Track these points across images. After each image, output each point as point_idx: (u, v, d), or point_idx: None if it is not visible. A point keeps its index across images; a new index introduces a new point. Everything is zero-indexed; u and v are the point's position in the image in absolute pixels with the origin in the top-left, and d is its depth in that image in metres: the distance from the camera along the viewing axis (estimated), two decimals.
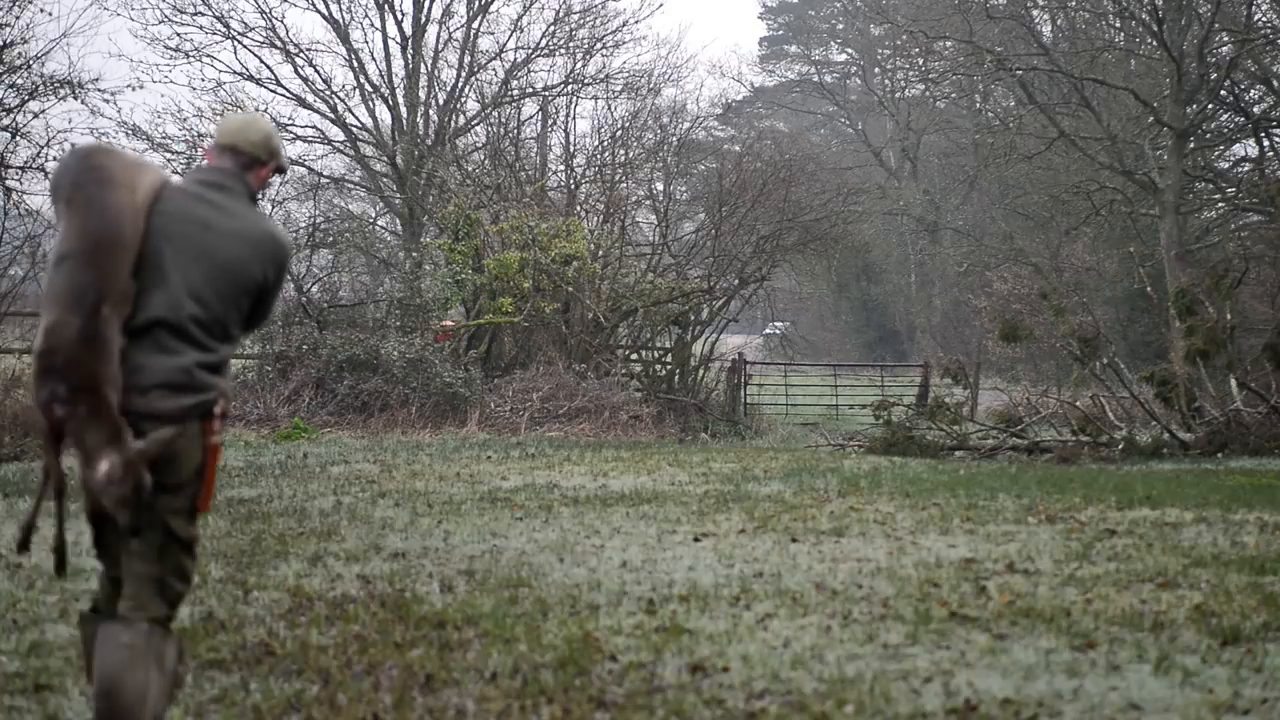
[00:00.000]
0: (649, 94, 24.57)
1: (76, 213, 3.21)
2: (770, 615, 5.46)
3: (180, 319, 3.27)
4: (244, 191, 3.49)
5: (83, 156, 3.32)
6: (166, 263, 3.28)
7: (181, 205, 3.36)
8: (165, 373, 3.24)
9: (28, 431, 12.53)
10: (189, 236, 3.32)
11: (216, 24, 22.92)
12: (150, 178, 3.35)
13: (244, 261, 3.38)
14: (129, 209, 3.24)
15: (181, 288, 3.28)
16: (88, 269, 3.14)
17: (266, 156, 3.56)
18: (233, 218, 3.41)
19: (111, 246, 3.19)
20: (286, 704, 4.17)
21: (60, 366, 3.11)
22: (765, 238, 21.39)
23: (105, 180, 3.24)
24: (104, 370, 3.12)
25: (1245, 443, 14.16)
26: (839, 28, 51.23)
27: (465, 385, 16.64)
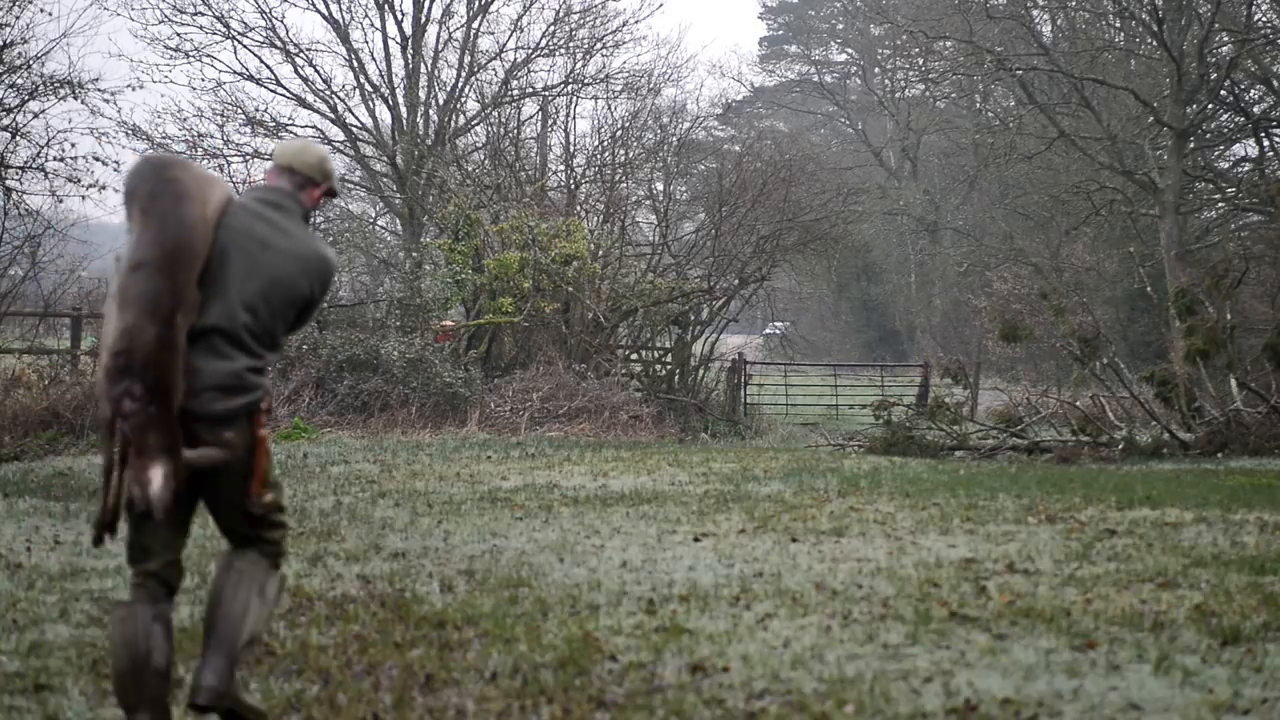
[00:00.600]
0: (649, 94, 24.58)
1: (152, 223, 3.47)
2: (770, 615, 5.46)
3: (235, 327, 3.56)
4: (298, 211, 3.80)
5: (159, 168, 3.58)
6: (227, 275, 3.57)
7: (244, 222, 3.65)
8: (219, 376, 3.53)
9: (28, 431, 12.54)
10: (248, 252, 3.61)
11: (216, 24, 22.92)
12: (218, 193, 3.64)
13: (294, 277, 3.68)
14: (200, 223, 3.51)
15: (237, 299, 3.57)
16: (163, 277, 3.41)
17: (320, 178, 3.87)
18: (287, 236, 3.71)
19: (185, 257, 3.46)
20: (286, 704, 4.18)
21: (137, 367, 3.36)
22: (765, 238, 21.39)
23: (180, 194, 3.51)
24: (176, 374, 3.41)
25: (1245, 443, 14.16)
26: (839, 28, 51.25)
27: (465, 385, 16.63)
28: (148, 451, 3.38)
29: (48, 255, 16.03)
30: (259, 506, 3.72)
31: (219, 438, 3.55)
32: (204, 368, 3.52)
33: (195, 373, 3.50)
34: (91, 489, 9.56)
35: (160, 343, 3.38)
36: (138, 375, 3.37)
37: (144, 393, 3.37)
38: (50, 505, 8.66)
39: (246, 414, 3.60)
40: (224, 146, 22.88)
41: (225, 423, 3.55)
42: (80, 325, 16.32)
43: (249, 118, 23.37)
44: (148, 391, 3.37)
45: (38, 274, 15.99)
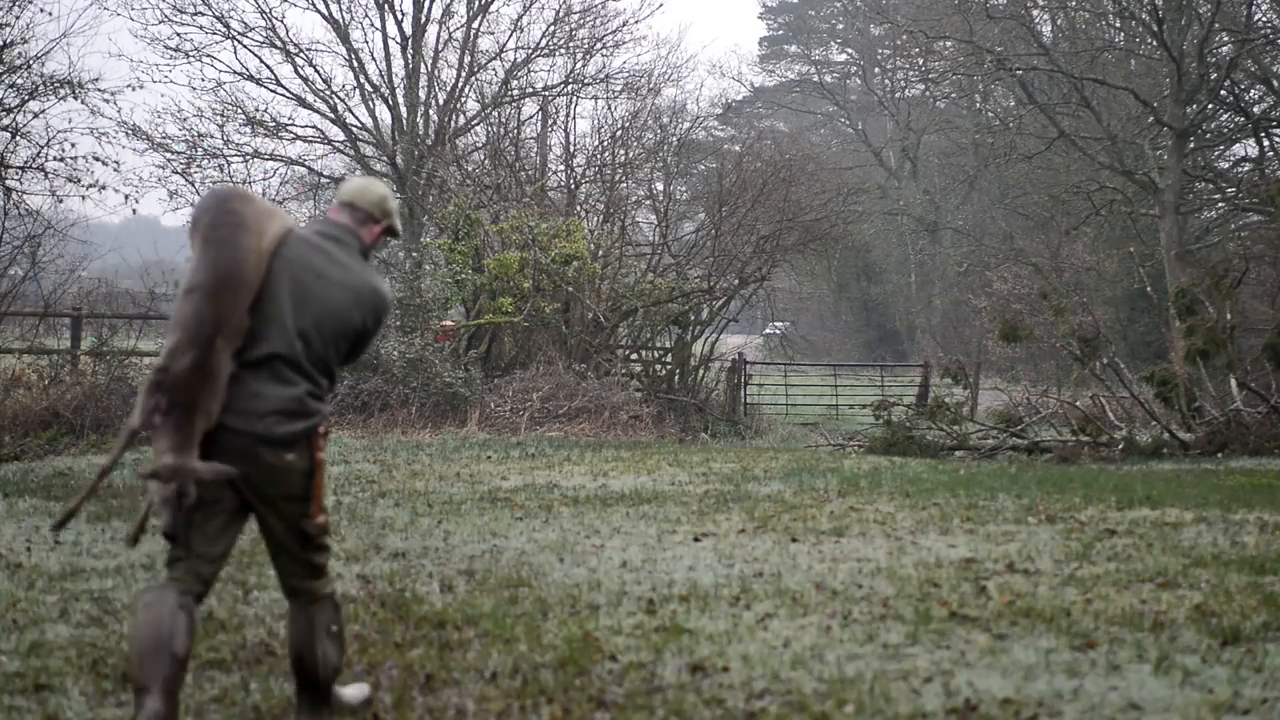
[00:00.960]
0: (649, 94, 24.57)
1: (209, 250, 3.65)
2: (770, 615, 5.46)
3: (294, 354, 3.74)
4: (356, 245, 3.96)
5: (222, 199, 3.77)
6: (283, 304, 3.73)
7: (300, 253, 3.82)
8: (281, 401, 3.71)
9: (28, 431, 12.53)
10: (303, 282, 3.78)
11: (216, 24, 22.91)
12: (277, 225, 3.81)
13: (346, 309, 3.84)
14: (254, 253, 3.69)
15: (293, 328, 3.74)
16: (210, 303, 3.60)
17: (380, 215, 4.02)
18: (343, 269, 3.86)
19: (234, 285, 3.63)
20: (286, 704, 4.18)
21: (169, 384, 3.58)
22: (765, 238, 21.39)
23: (238, 224, 3.69)
24: (203, 397, 3.59)
25: (1245, 443, 14.16)
26: (839, 28, 51.27)
27: (465, 385, 16.63)
28: (158, 451, 3.63)
29: (48, 255, 16.01)
30: (314, 528, 3.86)
31: (281, 460, 3.72)
32: (265, 392, 3.69)
33: (257, 396, 3.68)
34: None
35: (195, 365, 3.57)
36: (166, 391, 3.58)
37: (169, 406, 3.58)
38: (50, 505, 8.66)
39: (306, 437, 3.75)
40: (224, 146, 22.89)
41: (288, 445, 3.72)
42: (80, 325, 16.31)
43: (249, 118, 23.37)
44: (171, 405, 3.58)
45: (38, 274, 15.96)
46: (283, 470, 3.73)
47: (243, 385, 3.68)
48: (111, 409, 13.09)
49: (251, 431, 3.68)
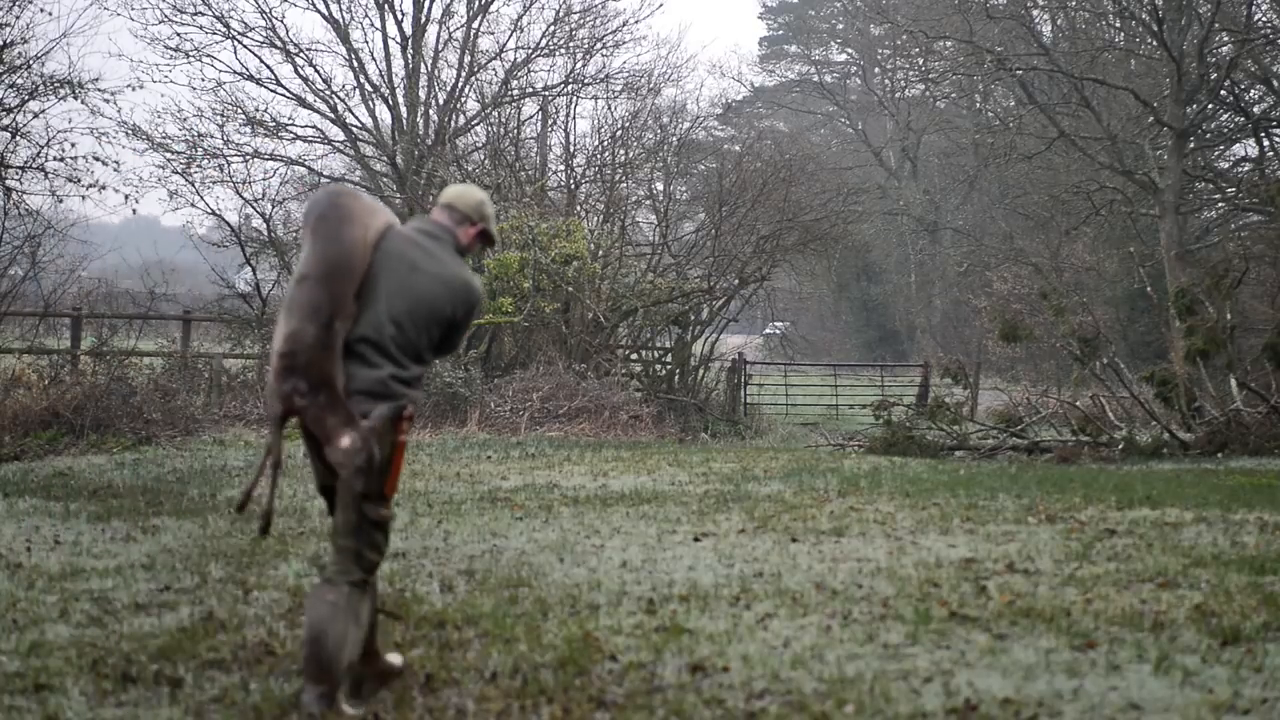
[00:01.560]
0: (649, 94, 24.55)
1: (319, 241, 3.94)
2: (770, 615, 5.46)
3: (382, 338, 3.95)
4: (452, 243, 4.21)
5: (332, 196, 4.08)
6: (379, 291, 3.99)
7: (399, 246, 4.08)
8: (366, 382, 3.92)
9: (28, 431, 12.53)
10: (399, 273, 4.03)
11: (216, 24, 22.88)
12: (380, 220, 4.09)
13: (439, 299, 4.06)
14: (360, 244, 3.97)
15: (385, 314, 3.97)
16: (322, 288, 3.87)
17: (477, 218, 4.28)
18: (437, 263, 4.11)
19: (343, 272, 3.91)
20: (286, 704, 4.17)
21: (300, 366, 3.82)
22: (765, 238, 21.39)
23: (345, 218, 3.99)
24: (334, 369, 3.86)
25: (1245, 443, 14.16)
26: (839, 28, 51.26)
27: (465, 385, 16.63)
28: (332, 431, 3.83)
29: (48, 255, 16.03)
30: (375, 514, 3.98)
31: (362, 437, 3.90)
32: (355, 373, 3.92)
33: (347, 378, 3.91)
34: (91, 489, 9.57)
35: (319, 343, 3.83)
36: (301, 373, 3.83)
37: (309, 388, 3.82)
38: (50, 505, 8.66)
39: (390, 418, 3.93)
40: (224, 146, 22.86)
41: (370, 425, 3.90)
42: (80, 325, 16.31)
43: (249, 118, 23.35)
44: (312, 387, 3.82)
45: (38, 274, 15.96)
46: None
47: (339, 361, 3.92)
48: (111, 409, 13.09)
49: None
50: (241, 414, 15.22)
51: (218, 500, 9.06)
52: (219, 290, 18.84)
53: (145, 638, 5.04)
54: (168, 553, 6.91)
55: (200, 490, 9.60)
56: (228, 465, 11.37)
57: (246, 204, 20.14)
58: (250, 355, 17.54)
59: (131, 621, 5.34)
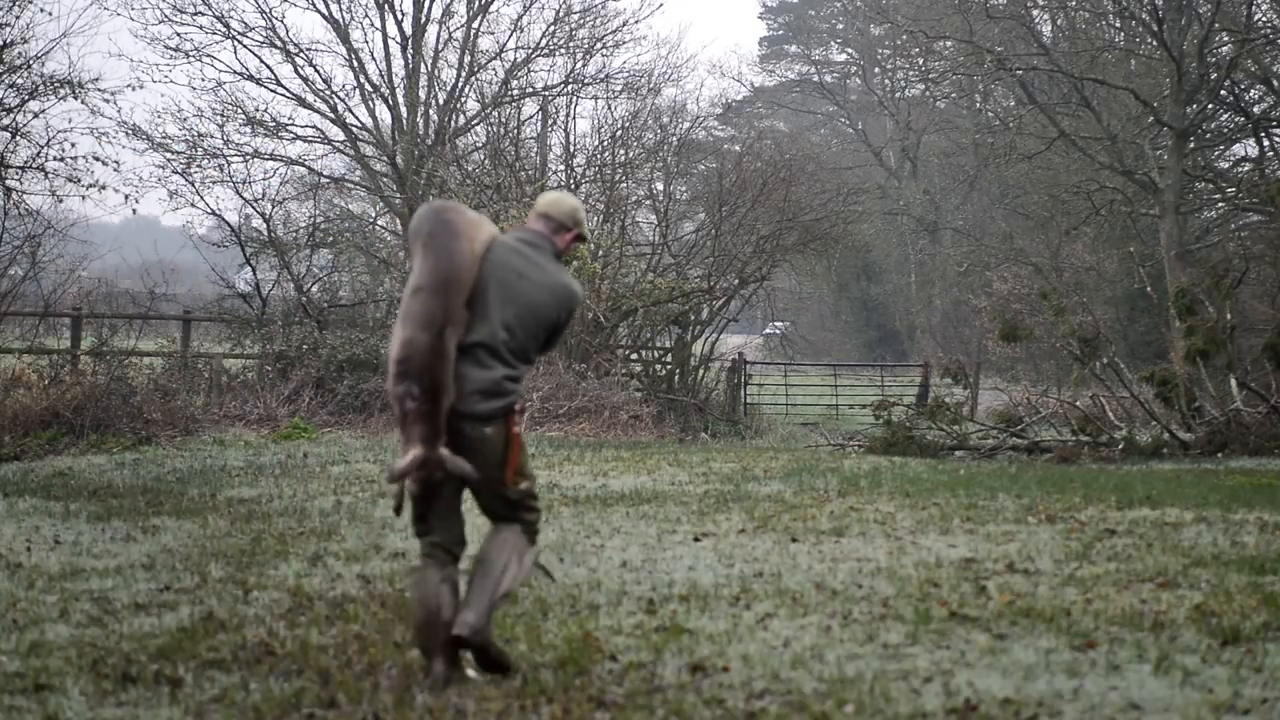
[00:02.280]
0: (649, 94, 24.56)
1: (429, 255, 4.26)
2: (770, 615, 5.46)
3: (495, 343, 4.29)
4: (551, 250, 4.50)
5: (438, 211, 4.41)
6: (489, 299, 4.31)
7: (504, 256, 4.39)
8: (482, 382, 4.26)
9: (28, 431, 12.53)
10: (506, 282, 4.34)
11: (216, 24, 22.93)
12: (485, 232, 4.41)
13: (544, 305, 4.38)
14: (468, 256, 4.29)
15: (498, 320, 4.30)
16: (436, 299, 4.19)
17: (571, 225, 4.56)
18: (540, 270, 4.41)
19: (454, 283, 4.23)
20: (286, 704, 4.18)
21: (415, 371, 4.14)
22: (765, 238, 21.38)
23: (453, 232, 4.30)
24: (445, 377, 4.17)
25: (1245, 443, 14.15)
26: (839, 28, 51.24)
27: None
28: (409, 439, 4.17)
29: (48, 255, 16.02)
30: (515, 493, 4.40)
31: (480, 432, 4.27)
32: (469, 374, 4.26)
33: (463, 379, 4.24)
34: (91, 489, 9.57)
35: (432, 351, 4.14)
36: (415, 378, 4.14)
37: (421, 392, 4.13)
38: (50, 505, 8.66)
39: (503, 414, 4.30)
40: (224, 146, 22.89)
41: (487, 420, 4.27)
42: (80, 325, 16.31)
43: (249, 118, 23.37)
44: (424, 391, 4.14)
45: (38, 274, 15.96)
46: (482, 442, 4.28)
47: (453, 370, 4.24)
48: (111, 409, 13.08)
49: (458, 409, 4.23)
50: (241, 414, 15.21)
51: (218, 500, 9.06)
52: (219, 290, 18.84)
53: (145, 638, 5.04)
54: (168, 553, 6.91)
55: (200, 490, 9.60)
56: (228, 465, 11.37)
57: (246, 204, 20.15)
58: (250, 355, 17.54)
59: (131, 621, 5.34)
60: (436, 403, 4.15)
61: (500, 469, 4.32)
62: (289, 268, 18.05)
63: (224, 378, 16.51)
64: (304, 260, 19.08)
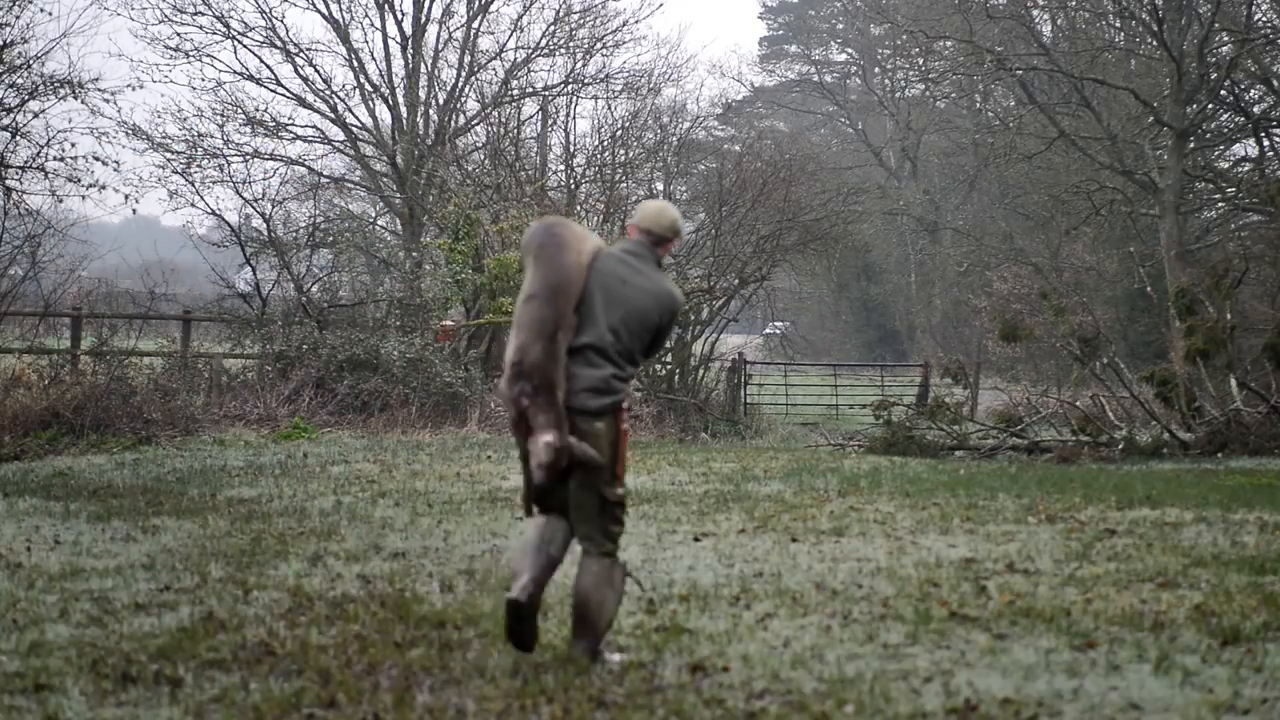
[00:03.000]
0: (649, 94, 24.56)
1: (541, 266, 4.60)
2: (770, 615, 5.47)
3: (603, 345, 4.61)
4: (652, 259, 4.84)
5: (548, 226, 4.75)
6: (597, 306, 4.64)
7: (610, 266, 4.73)
8: (591, 380, 4.58)
9: (28, 431, 12.54)
10: (612, 289, 4.68)
11: (216, 24, 22.91)
12: (591, 244, 4.76)
13: (647, 310, 4.71)
14: (576, 267, 4.63)
15: (605, 324, 4.63)
16: (547, 306, 4.53)
17: (671, 235, 4.91)
18: (643, 277, 4.76)
19: (563, 291, 4.56)
20: (286, 704, 4.18)
21: (527, 372, 4.47)
22: (765, 237, 21.38)
23: (562, 245, 4.65)
24: (556, 376, 4.50)
25: (1245, 443, 14.15)
26: (839, 28, 51.23)
27: (465, 385, 16.62)
28: (538, 429, 4.48)
29: (48, 255, 16.03)
30: (614, 495, 4.65)
31: (591, 427, 4.56)
32: (580, 374, 4.58)
33: (574, 377, 4.57)
34: (91, 489, 9.57)
35: (544, 354, 4.48)
36: (527, 378, 4.48)
37: (533, 390, 4.47)
38: (50, 505, 8.66)
39: (612, 410, 4.60)
40: (224, 146, 22.88)
41: (596, 416, 4.58)
42: (80, 325, 16.31)
43: (249, 118, 23.36)
44: (535, 389, 4.47)
45: (38, 274, 15.96)
46: (592, 437, 4.56)
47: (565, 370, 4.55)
48: (111, 409, 13.09)
49: (570, 405, 4.54)
50: (241, 414, 15.21)
51: (218, 500, 9.06)
52: (219, 290, 18.84)
53: (145, 638, 5.04)
54: (168, 553, 6.91)
55: (200, 490, 9.60)
56: (228, 465, 11.37)
57: (246, 204, 20.16)
58: (250, 355, 17.54)
59: (131, 621, 5.34)
60: (552, 397, 4.49)
61: (611, 462, 4.62)
62: (289, 268, 18.05)
63: (224, 378, 16.51)
64: (304, 260, 19.07)
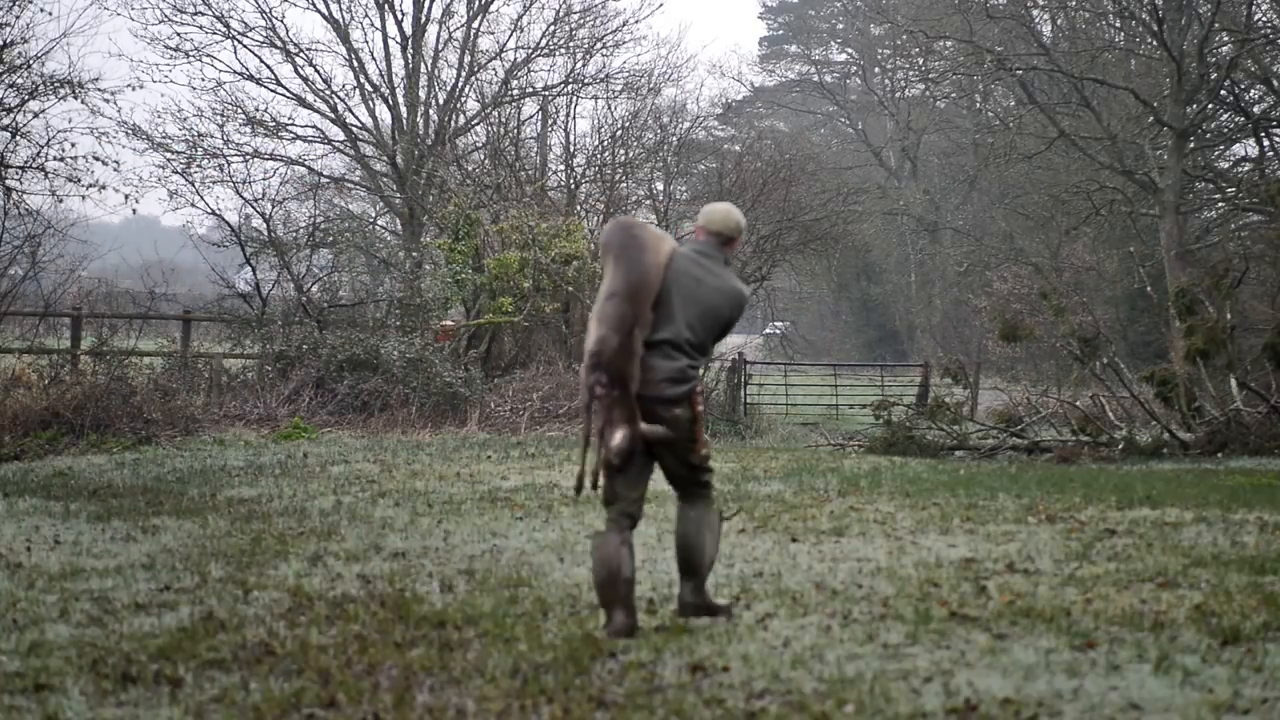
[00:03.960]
0: (649, 94, 24.55)
1: (621, 266, 5.03)
2: (770, 615, 5.47)
3: (679, 339, 5.11)
4: (720, 259, 5.34)
5: (626, 228, 5.20)
6: (675, 304, 5.11)
7: (685, 266, 5.19)
8: (669, 371, 5.09)
9: (28, 431, 12.54)
10: (687, 287, 5.15)
11: (216, 24, 22.91)
12: (667, 245, 5.19)
13: (719, 306, 5.21)
14: (654, 267, 5.06)
15: (682, 320, 5.11)
16: (627, 303, 4.97)
17: (736, 234, 5.41)
18: (714, 276, 5.24)
19: (642, 290, 5.01)
20: (286, 704, 4.18)
21: (604, 364, 4.94)
22: (765, 238, 21.39)
23: (641, 246, 5.09)
24: (631, 369, 4.97)
25: (1245, 443, 14.15)
26: (839, 27, 51.23)
27: (465, 385, 16.62)
28: (614, 421, 4.96)
29: (48, 255, 16.04)
30: (698, 459, 5.24)
31: (670, 413, 5.08)
32: (658, 365, 5.06)
33: (653, 369, 5.04)
34: (91, 489, 9.58)
35: (621, 348, 4.93)
36: (604, 369, 4.93)
37: (609, 381, 4.94)
38: (50, 505, 8.66)
39: (687, 396, 5.11)
40: (224, 146, 22.88)
41: (674, 403, 5.09)
42: (80, 325, 16.32)
43: (249, 118, 23.36)
44: (611, 381, 4.94)
45: (38, 274, 15.98)
46: (675, 420, 5.09)
47: (644, 362, 5.02)
48: (111, 409, 13.09)
49: (650, 395, 5.04)
50: (241, 414, 15.22)
51: (218, 500, 9.06)
52: (219, 290, 18.84)
53: (145, 638, 5.04)
54: (168, 553, 6.91)
55: (200, 490, 9.60)
56: (228, 465, 11.37)
57: (246, 204, 20.16)
58: (250, 355, 17.54)
59: (131, 621, 5.35)
60: (625, 389, 4.95)
61: (690, 440, 5.16)
62: (289, 268, 18.05)
63: (224, 378, 16.51)
64: (304, 260, 19.07)
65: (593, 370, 4.99)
